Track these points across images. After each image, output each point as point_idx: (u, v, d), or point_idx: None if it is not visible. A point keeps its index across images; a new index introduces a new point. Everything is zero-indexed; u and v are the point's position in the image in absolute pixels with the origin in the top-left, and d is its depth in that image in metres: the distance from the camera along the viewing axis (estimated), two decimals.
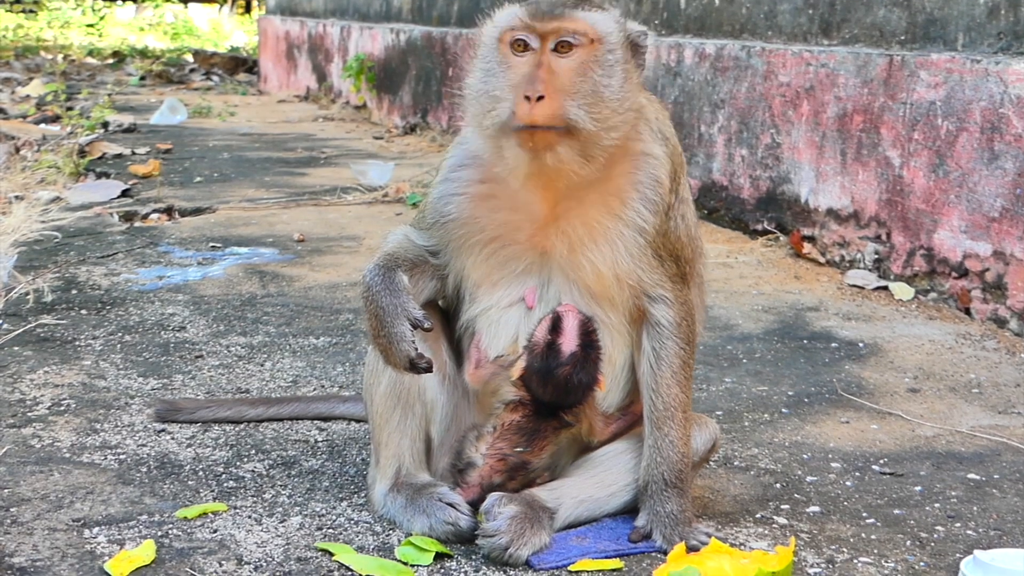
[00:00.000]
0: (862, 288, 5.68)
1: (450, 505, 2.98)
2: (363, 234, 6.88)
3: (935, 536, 3.09)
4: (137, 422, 3.78)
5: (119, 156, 9.69)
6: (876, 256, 5.82)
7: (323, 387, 4.20)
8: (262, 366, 4.40)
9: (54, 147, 9.34)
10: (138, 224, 7.06)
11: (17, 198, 7.27)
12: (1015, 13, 5.12)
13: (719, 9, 7.26)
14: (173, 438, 3.66)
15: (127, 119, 11.93)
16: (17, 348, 4.50)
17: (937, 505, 3.29)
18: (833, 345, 4.83)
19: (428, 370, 2.91)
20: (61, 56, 20.13)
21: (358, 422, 3.81)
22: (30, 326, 4.75)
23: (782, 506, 3.27)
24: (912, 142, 5.58)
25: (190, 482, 3.32)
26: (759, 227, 6.74)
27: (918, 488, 3.41)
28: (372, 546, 2.94)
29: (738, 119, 6.92)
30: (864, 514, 3.22)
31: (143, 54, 22.00)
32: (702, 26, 7.43)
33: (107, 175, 8.61)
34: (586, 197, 2.92)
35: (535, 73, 2.78)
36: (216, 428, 3.76)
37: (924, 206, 5.49)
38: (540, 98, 2.75)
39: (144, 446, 3.58)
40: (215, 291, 5.47)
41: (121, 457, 3.49)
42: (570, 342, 2.92)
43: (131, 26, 29.87)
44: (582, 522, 3.04)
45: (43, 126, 10.99)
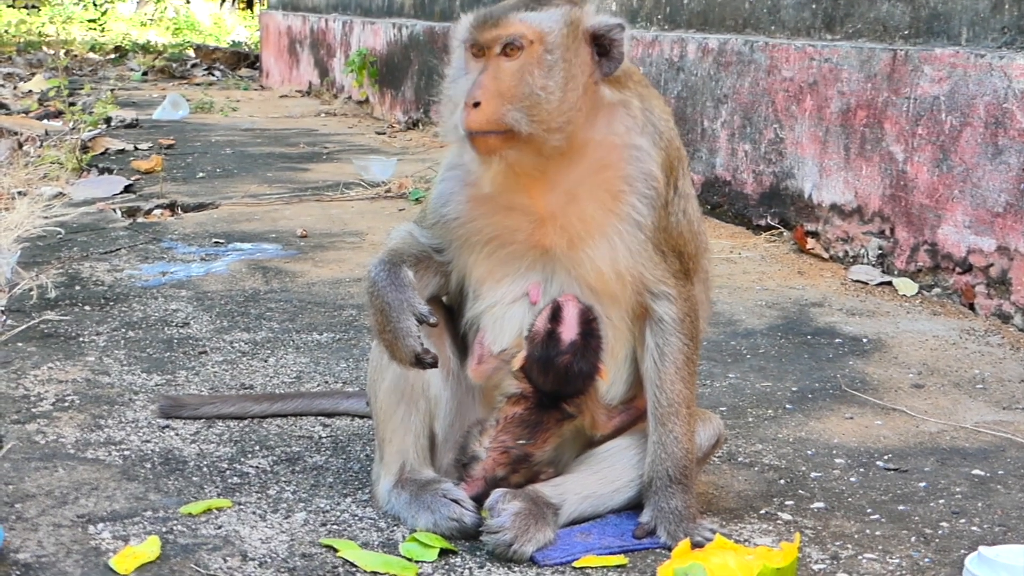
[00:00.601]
0: (866, 284, 5.68)
1: (454, 501, 2.98)
2: (366, 230, 6.88)
3: (940, 532, 3.09)
4: (141, 418, 3.78)
5: (122, 152, 9.70)
6: (880, 251, 5.81)
7: (327, 383, 4.20)
8: (266, 362, 4.40)
9: (57, 143, 9.34)
10: (141, 220, 7.06)
11: (20, 194, 7.27)
12: (1019, 7, 5.11)
13: (722, 4, 7.25)
14: (177, 434, 3.66)
15: (129, 114, 11.93)
16: (21, 344, 4.50)
17: (942, 501, 3.29)
18: (837, 341, 4.83)
19: (433, 365, 2.91)
20: (63, 51, 20.12)
21: (362, 418, 3.81)
22: (34, 322, 4.74)
23: (786, 502, 3.26)
24: (916, 137, 5.57)
25: (194, 478, 3.32)
26: (762, 222, 6.74)
27: (922, 484, 3.41)
28: (376, 542, 2.94)
29: (741, 114, 6.91)
30: (868, 510, 3.22)
31: (145, 49, 21.99)
32: (705, 21, 7.42)
33: (110, 171, 8.61)
34: (580, 193, 2.91)
35: (477, 79, 2.83)
36: (220, 424, 3.76)
37: (928, 201, 5.48)
38: (477, 104, 2.79)
39: (148, 442, 3.58)
40: (218, 287, 5.47)
41: (125, 453, 3.49)
42: (570, 331, 2.92)
43: (133, 21, 29.86)
44: (586, 518, 3.04)
45: (46, 122, 10.99)
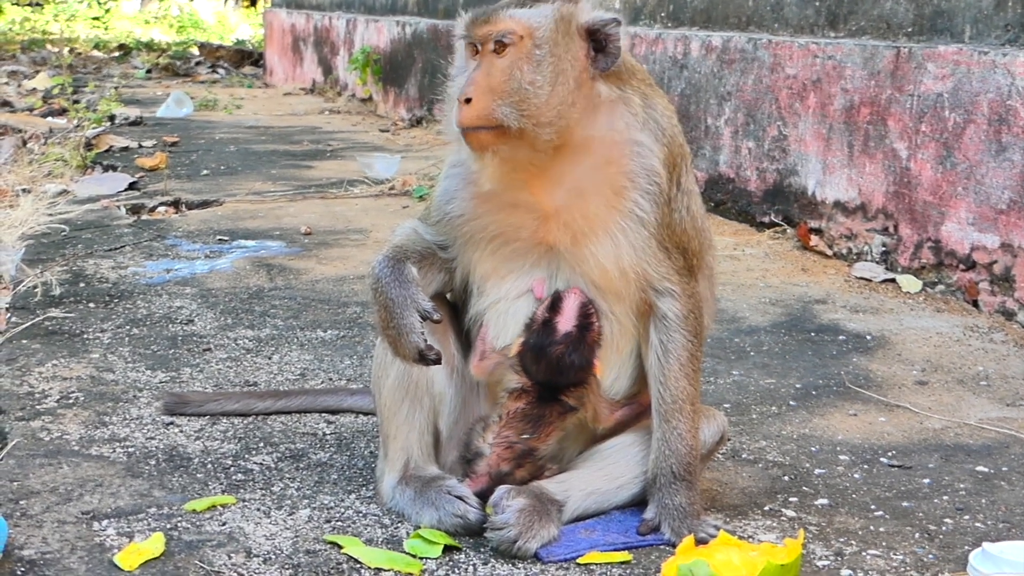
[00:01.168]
0: (869, 280, 5.68)
1: (459, 498, 2.98)
2: (370, 227, 6.88)
3: (944, 528, 3.09)
4: (145, 415, 3.79)
5: (126, 149, 9.70)
6: (883, 248, 5.81)
7: (331, 380, 4.20)
8: (270, 359, 4.41)
9: (61, 140, 9.35)
10: (145, 217, 7.06)
11: (24, 191, 7.28)
12: (1022, 4, 5.11)
13: (725, 1, 7.25)
14: (181, 431, 3.66)
15: (133, 112, 11.94)
16: (25, 341, 4.51)
17: (945, 497, 3.29)
18: (840, 338, 4.83)
19: (437, 362, 2.92)
20: (67, 49, 20.14)
21: (366, 415, 3.81)
22: (38, 319, 4.75)
23: (790, 499, 3.27)
24: (919, 134, 5.57)
25: (199, 475, 3.32)
26: (766, 219, 6.74)
27: (926, 480, 3.41)
28: (381, 539, 2.95)
29: (745, 111, 6.91)
30: (872, 506, 3.22)
31: (149, 47, 22.01)
32: (708, 18, 7.42)
33: (114, 168, 8.61)
34: (582, 189, 2.91)
35: (470, 76, 2.86)
36: (224, 421, 3.76)
37: (931, 198, 5.48)
38: (468, 100, 2.82)
39: (153, 439, 3.59)
40: (222, 284, 5.47)
41: (130, 450, 3.49)
42: (566, 322, 2.93)
43: (137, 19, 29.89)
44: (590, 515, 3.05)
45: (50, 119, 11.00)
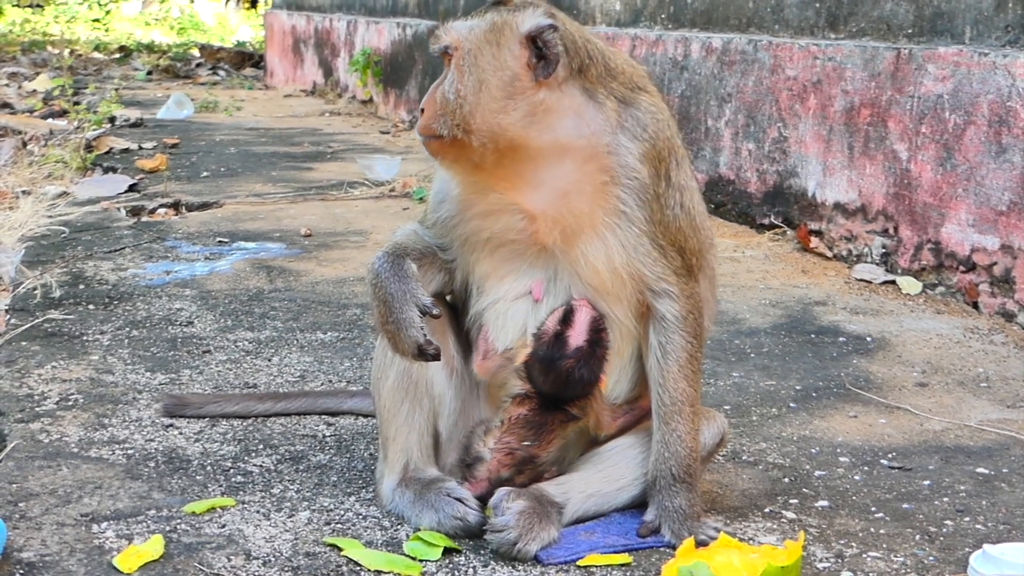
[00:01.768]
0: (869, 282, 5.67)
1: (458, 500, 2.98)
2: (370, 229, 6.88)
3: (944, 530, 3.09)
4: (145, 417, 3.78)
5: (126, 151, 9.70)
6: (883, 250, 5.81)
7: (330, 382, 4.20)
8: (269, 361, 4.40)
9: (61, 142, 9.35)
10: (145, 219, 7.06)
11: (24, 193, 7.28)
12: (1023, 6, 5.11)
13: (725, 3, 7.25)
14: (181, 433, 3.66)
15: (134, 114, 11.93)
16: (25, 343, 4.50)
17: (946, 499, 3.29)
18: (841, 339, 4.83)
19: (436, 357, 2.90)
20: (67, 51, 20.14)
21: (366, 417, 3.81)
22: (38, 321, 4.75)
23: (791, 500, 3.26)
24: (920, 136, 5.56)
25: (198, 477, 3.32)
26: (766, 221, 6.74)
27: (927, 482, 3.41)
28: (380, 541, 2.94)
29: (745, 113, 6.91)
30: (873, 508, 3.22)
31: (149, 49, 22.01)
32: (708, 20, 7.42)
33: (114, 170, 8.62)
34: (563, 190, 2.90)
35: (432, 85, 2.96)
36: (224, 423, 3.76)
37: (932, 200, 5.48)
38: (423, 110, 2.92)
39: (152, 441, 3.58)
40: (222, 286, 5.47)
41: (129, 452, 3.49)
42: (578, 336, 2.92)
43: (137, 21, 29.89)
44: (590, 516, 3.04)
45: (50, 121, 11.00)
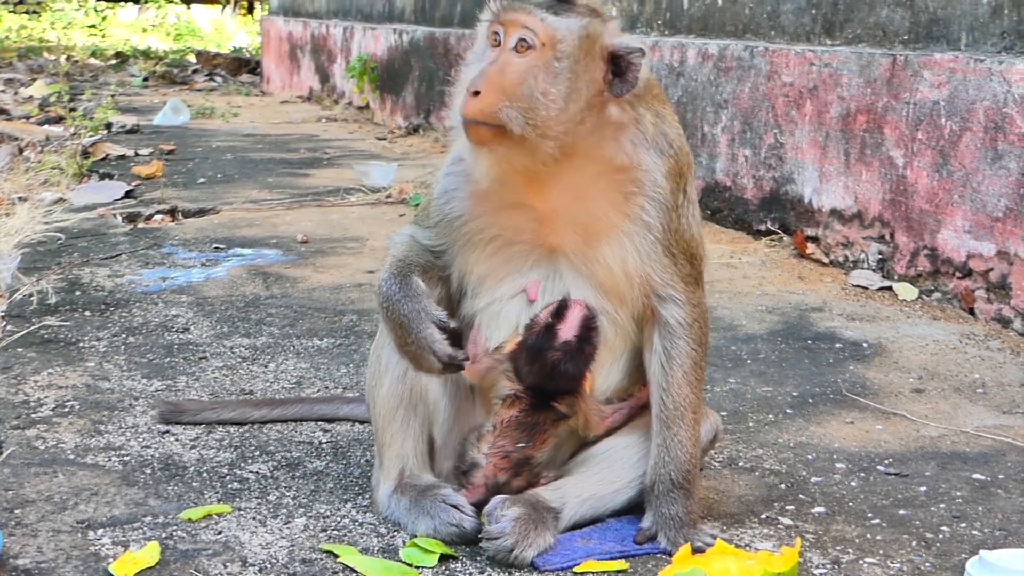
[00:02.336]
0: (866, 288, 5.68)
1: (454, 507, 2.98)
2: (366, 235, 6.88)
3: (940, 536, 3.09)
4: (141, 423, 3.78)
5: (122, 157, 9.70)
6: (880, 256, 5.81)
7: (327, 388, 4.20)
8: (266, 367, 4.40)
9: (57, 148, 9.35)
10: (142, 225, 7.06)
11: (21, 199, 7.27)
12: (1018, 12, 5.12)
13: (722, 9, 7.26)
14: (177, 440, 3.66)
15: (130, 120, 11.93)
16: (21, 350, 4.50)
17: (942, 505, 3.29)
18: (837, 346, 4.83)
19: (463, 367, 2.93)
20: (64, 57, 20.12)
21: (362, 423, 3.81)
22: (34, 327, 4.75)
23: (787, 507, 3.26)
24: (916, 142, 5.57)
25: (194, 484, 3.32)
26: (762, 227, 6.74)
27: (923, 488, 3.41)
28: (377, 548, 2.94)
29: (741, 119, 6.92)
30: (869, 514, 3.22)
31: (146, 55, 22.00)
32: (705, 26, 7.42)
33: (110, 176, 8.62)
34: (587, 196, 2.90)
35: (484, 68, 2.79)
36: (220, 429, 3.76)
37: (928, 206, 5.48)
38: (477, 92, 2.75)
39: (148, 448, 3.58)
40: (219, 292, 5.47)
41: (125, 459, 3.49)
42: (568, 330, 2.92)
43: (134, 27, 29.88)
44: (587, 521, 3.04)
45: (46, 127, 10.99)
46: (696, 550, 2.76)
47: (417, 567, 2.83)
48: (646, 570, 2.85)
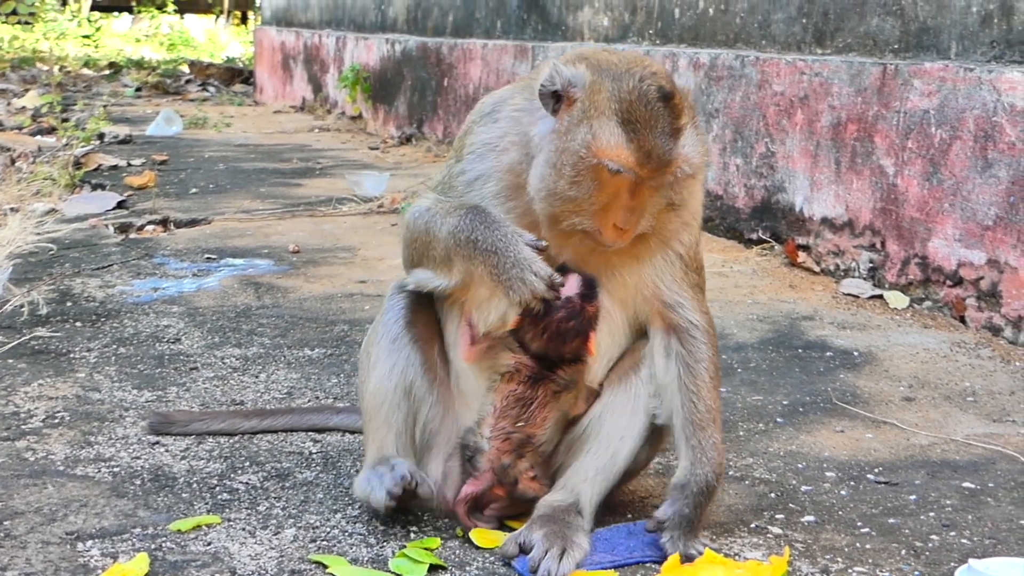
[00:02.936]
0: (857, 297, 5.68)
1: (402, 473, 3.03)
2: (358, 245, 6.88)
3: (930, 545, 3.09)
4: (131, 434, 3.77)
5: (115, 168, 9.69)
6: (871, 265, 5.82)
7: (317, 398, 4.19)
8: (257, 377, 4.40)
9: (49, 159, 9.34)
10: (133, 236, 7.05)
11: (12, 210, 7.26)
12: (1008, 22, 5.13)
13: (713, 19, 7.27)
14: (167, 450, 3.65)
15: (123, 130, 11.93)
16: (11, 360, 4.49)
17: (932, 514, 3.29)
18: (828, 354, 4.83)
19: (559, 290, 2.89)
20: (57, 68, 20.13)
21: (353, 433, 3.80)
22: (24, 338, 4.74)
23: (777, 516, 3.26)
24: (906, 151, 5.58)
25: (184, 495, 3.31)
26: (754, 236, 6.75)
27: (913, 497, 3.41)
28: (366, 558, 2.94)
29: (732, 128, 6.93)
30: (859, 523, 3.22)
31: (139, 65, 21.99)
32: (696, 36, 7.44)
33: (102, 187, 8.61)
34: (645, 233, 2.96)
35: (630, 206, 2.81)
36: (210, 440, 3.75)
37: (918, 215, 5.49)
38: (624, 230, 2.83)
39: (138, 459, 3.58)
40: (210, 303, 5.47)
41: (115, 470, 3.48)
42: (569, 290, 2.93)
43: (127, 37, 29.88)
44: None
45: (39, 138, 10.98)
46: (686, 559, 2.76)
47: None
48: None
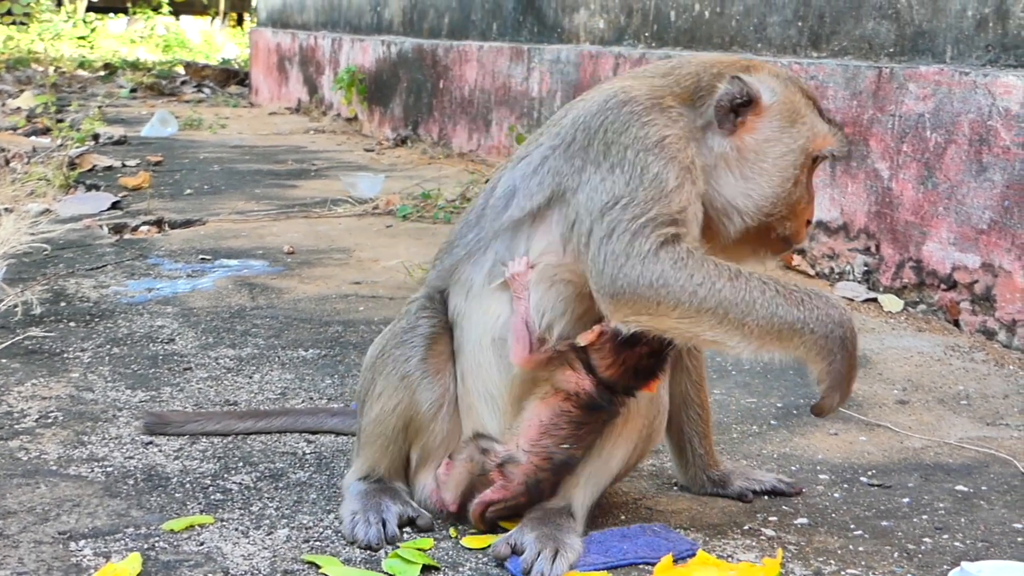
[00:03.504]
0: (851, 300, 5.69)
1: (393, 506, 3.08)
2: (353, 246, 6.88)
3: (922, 548, 3.09)
4: (125, 434, 3.77)
5: (109, 168, 9.69)
6: (865, 268, 5.82)
7: (311, 399, 4.19)
8: (251, 378, 4.39)
9: (44, 159, 9.33)
10: (128, 236, 7.05)
11: (6, 210, 7.25)
12: (1003, 26, 5.14)
13: (709, 22, 7.28)
14: (160, 450, 3.65)
15: (118, 131, 11.92)
16: (5, 360, 4.49)
17: (925, 517, 3.29)
18: None
19: None
20: (52, 68, 20.10)
21: (347, 435, 3.80)
22: (18, 338, 4.73)
23: (770, 518, 3.26)
24: (901, 154, 5.59)
25: (177, 495, 3.31)
26: None
27: (906, 500, 3.41)
28: (359, 559, 2.93)
29: None
30: (852, 526, 3.22)
31: (134, 66, 21.99)
32: (692, 38, 7.44)
33: (97, 187, 8.61)
34: None
35: (810, 197, 2.99)
36: (204, 440, 3.75)
37: (913, 218, 5.50)
38: (810, 221, 3.02)
39: (131, 459, 3.57)
40: (204, 303, 5.46)
41: (108, 470, 3.48)
42: None
43: (123, 38, 29.87)
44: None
45: (33, 138, 10.98)
46: (677, 559, 2.76)
47: None
48: None
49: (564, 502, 2.99)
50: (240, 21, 32.61)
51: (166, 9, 31.66)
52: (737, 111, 2.86)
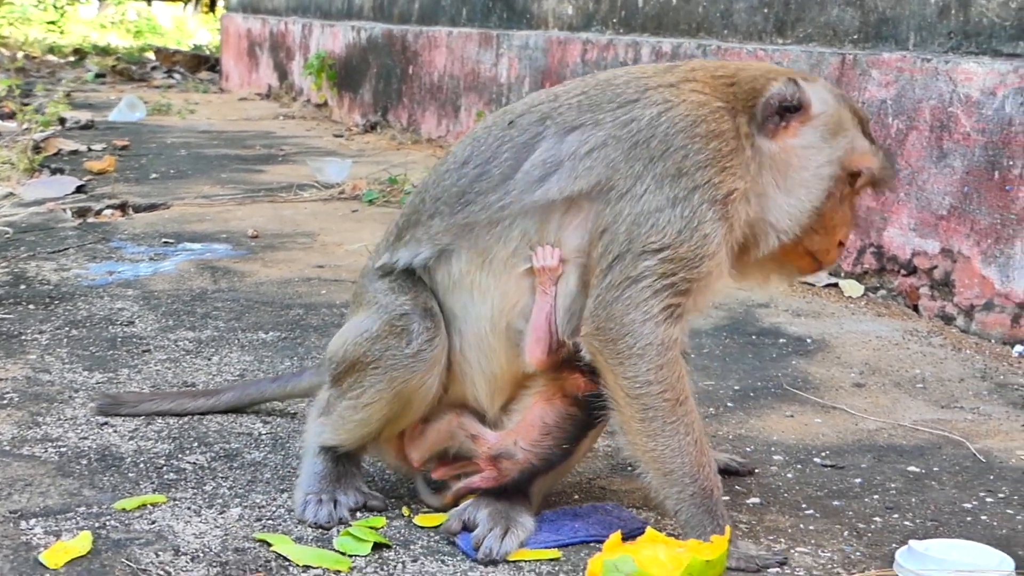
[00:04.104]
0: (812, 285, 5.71)
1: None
2: (318, 231, 6.86)
3: (872, 527, 3.11)
4: (80, 415, 3.75)
5: (75, 152, 9.63)
6: None
7: None
8: (209, 360, 4.38)
9: (8, 143, 9.27)
10: (91, 220, 7.01)
11: None
12: (965, 13, 5.16)
13: (676, 8, 7.28)
14: (116, 431, 3.64)
15: (85, 116, 11.85)
16: None
17: (876, 496, 3.32)
18: (781, 341, 4.86)
19: None
20: (20, 53, 19.96)
21: (293, 416, 3.79)
22: None
23: (722, 497, 3.27)
24: None
25: (130, 474, 3.30)
26: None
27: (858, 480, 3.43)
28: (311, 536, 2.93)
29: None
30: (803, 505, 3.24)
31: (104, 51, 21.86)
32: (659, 24, 7.45)
33: (62, 171, 8.55)
34: None
35: (848, 219, 3.01)
36: (160, 421, 3.73)
37: (874, 204, 5.52)
38: (842, 243, 3.07)
39: (86, 439, 3.56)
40: (165, 286, 5.44)
41: (62, 450, 3.46)
42: None
43: (93, 23, 29.69)
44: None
45: None
46: (626, 537, 2.76)
47: (350, 555, 2.82)
48: (578, 558, 2.85)
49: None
50: (212, 7, 32.44)
51: None
52: (783, 114, 2.86)
